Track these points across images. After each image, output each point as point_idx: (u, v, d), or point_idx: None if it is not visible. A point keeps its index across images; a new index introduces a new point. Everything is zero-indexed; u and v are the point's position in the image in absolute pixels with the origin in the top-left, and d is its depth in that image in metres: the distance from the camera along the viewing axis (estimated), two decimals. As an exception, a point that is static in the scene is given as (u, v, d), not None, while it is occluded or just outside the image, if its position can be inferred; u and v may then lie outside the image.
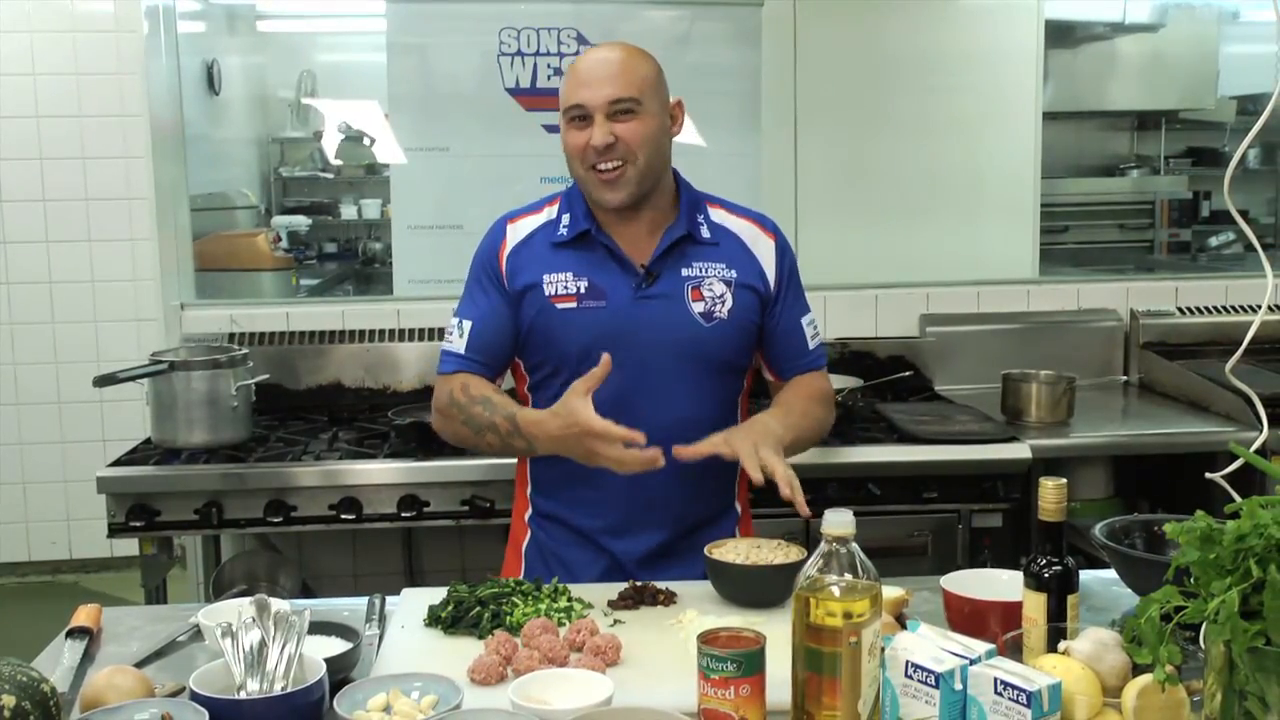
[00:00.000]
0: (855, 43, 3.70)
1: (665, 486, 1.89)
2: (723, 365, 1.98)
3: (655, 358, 1.92)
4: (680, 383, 1.93)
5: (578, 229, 1.95)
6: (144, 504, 2.77)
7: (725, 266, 1.97)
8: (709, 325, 1.94)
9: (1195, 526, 1.20)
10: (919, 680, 1.24)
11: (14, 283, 4.64)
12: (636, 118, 1.89)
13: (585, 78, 1.90)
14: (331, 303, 3.79)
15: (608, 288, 1.93)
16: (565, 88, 1.93)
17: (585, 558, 1.98)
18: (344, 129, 5.80)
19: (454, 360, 1.98)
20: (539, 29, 3.47)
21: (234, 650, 1.36)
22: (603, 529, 1.97)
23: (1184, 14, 5.11)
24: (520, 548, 2.06)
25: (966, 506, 2.89)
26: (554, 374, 1.96)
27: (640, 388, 1.90)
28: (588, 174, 1.91)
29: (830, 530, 1.25)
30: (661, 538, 1.96)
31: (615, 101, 1.87)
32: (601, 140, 1.86)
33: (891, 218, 3.73)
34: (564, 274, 1.94)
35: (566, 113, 1.92)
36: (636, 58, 1.93)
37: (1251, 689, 1.11)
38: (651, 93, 1.91)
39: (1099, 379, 3.62)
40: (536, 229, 1.99)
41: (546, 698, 1.35)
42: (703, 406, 1.94)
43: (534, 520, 2.05)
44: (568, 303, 1.93)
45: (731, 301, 1.96)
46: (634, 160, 1.89)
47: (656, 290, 1.94)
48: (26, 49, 4.53)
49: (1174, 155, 5.95)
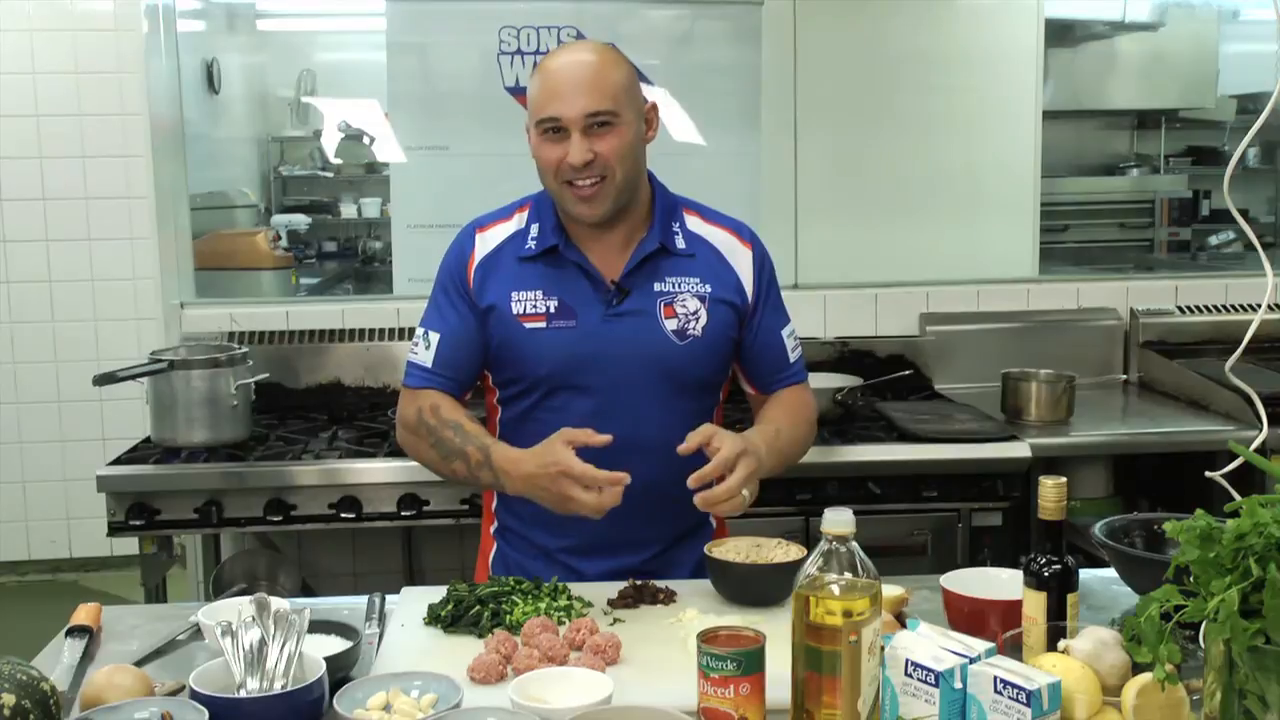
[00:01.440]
0: (855, 42, 3.69)
1: (637, 509, 1.77)
2: (696, 383, 1.93)
3: (626, 377, 1.86)
4: (652, 402, 1.87)
5: (546, 244, 1.89)
6: (144, 503, 2.77)
7: (699, 281, 1.91)
8: (682, 344, 1.88)
9: (1195, 525, 1.20)
10: (919, 679, 1.24)
11: (14, 281, 4.64)
12: (613, 130, 1.81)
13: (559, 88, 1.81)
14: (331, 302, 3.78)
15: (577, 306, 1.87)
16: (537, 96, 1.83)
17: (550, 574, 1.83)
18: (344, 128, 5.80)
19: (420, 375, 1.92)
20: (539, 28, 3.47)
21: (234, 649, 1.36)
22: (568, 549, 1.92)
23: (1184, 13, 5.11)
24: (488, 558, 2.03)
25: (966, 505, 2.89)
26: (525, 392, 1.91)
27: (611, 408, 1.84)
28: (562, 189, 1.84)
29: (830, 529, 1.25)
30: (631, 561, 1.89)
31: (592, 115, 1.79)
32: (580, 158, 1.79)
33: (891, 217, 3.73)
34: (532, 292, 1.88)
35: (539, 124, 1.83)
36: (610, 64, 1.84)
37: (1251, 688, 1.11)
38: (627, 100, 1.83)
39: (1099, 378, 3.62)
40: (504, 240, 1.92)
41: (546, 696, 1.35)
42: (675, 426, 1.81)
43: (499, 533, 2.02)
44: (536, 322, 1.87)
45: (706, 318, 1.89)
46: (612, 175, 1.82)
47: (627, 307, 1.88)
48: (26, 48, 4.53)
49: (1174, 154, 5.95)
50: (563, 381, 1.86)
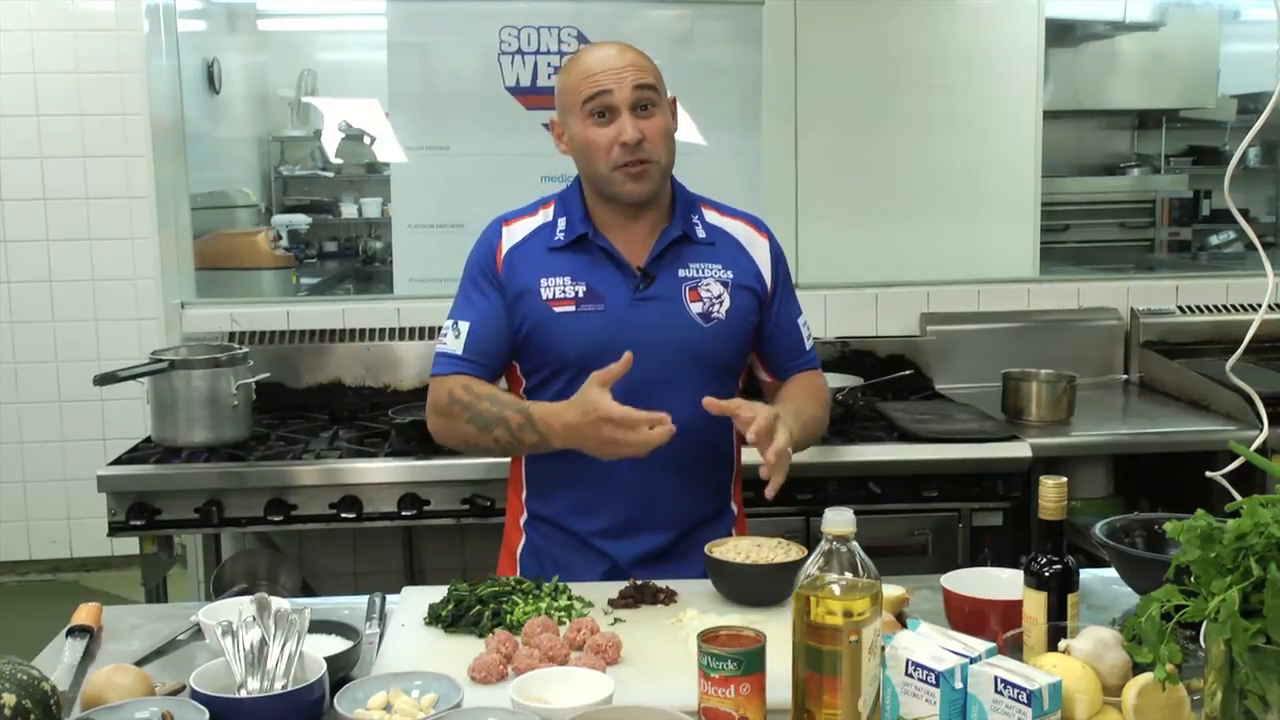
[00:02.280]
0: (855, 42, 3.69)
1: (663, 488, 1.88)
2: (721, 366, 1.97)
3: (654, 360, 1.89)
4: (679, 385, 1.91)
5: (575, 233, 1.94)
6: (144, 502, 2.77)
7: (721, 267, 1.96)
8: (707, 326, 1.93)
9: (1195, 525, 1.20)
10: (919, 679, 1.24)
11: (14, 281, 4.64)
12: (657, 112, 1.89)
13: (605, 66, 1.87)
14: (332, 301, 3.78)
15: (605, 291, 1.92)
16: (580, 81, 1.88)
17: (583, 561, 1.95)
18: (344, 128, 5.80)
19: (451, 361, 1.94)
20: (539, 27, 3.47)
21: (234, 649, 1.36)
22: (600, 532, 1.95)
23: (1184, 12, 5.11)
24: (515, 552, 2.05)
25: (967, 505, 2.89)
26: (552, 377, 1.94)
27: (639, 390, 1.86)
28: (613, 173, 1.88)
29: (830, 529, 1.25)
30: (660, 540, 1.95)
31: (639, 88, 1.85)
32: (633, 135, 1.84)
33: (892, 216, 3.73)
34: (561, 278, 1.92)
35: (586, 106, 1.87)
36: (642, 53, 1.93)
37: (1252, 688, 1.11)
38: (661, 87, 1.92)
39: (1099, 378, 3.62)
40: (532, 232, 1.97)
41: (547, 696, 1.35)
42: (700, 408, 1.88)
43: (529, 524, 2.03)
44: (566, 306, 1.91)
45: (729, 302, 1.95)
46: (658, 157, 1.89)
47: (654, 292, 1.93)
48: (27, 47, 4.54)
49: (1174, 154, 5.95)
50: (591, 364, 1.87)
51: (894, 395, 3.40)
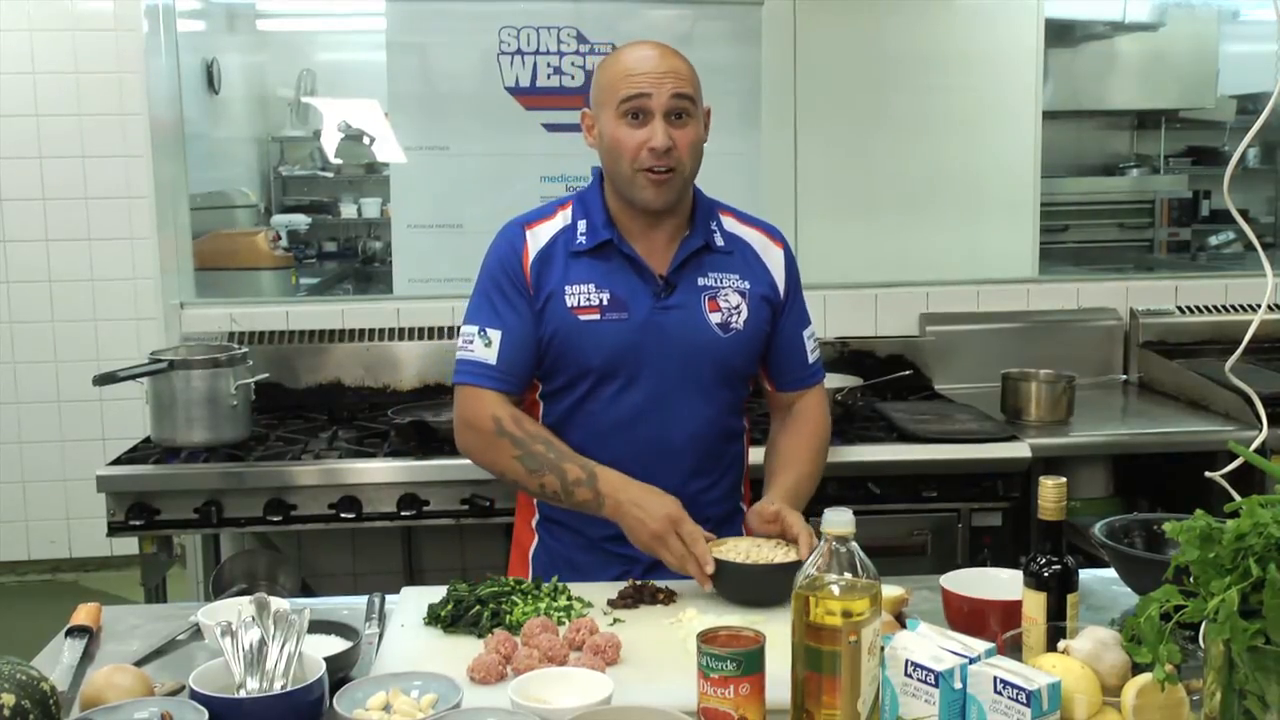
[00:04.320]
0: (855, 42, 3.70)
1: (679, 494, 1.86)
2: (735, 375, 1.98)
3: (674, 368, 1.90)
4: (697, 393, 1.92)
5: (598, 238, 1.91)
6: (143, 503, 2.77)
7: (739, 277, 1.96)
8: (726, 336, 1.93)
9: (1195, 525, 1.20)
10: (919, 679, 1.24)
11: (14, 281, 4.63)
12: (690, 122, 1.87)
13: (646, 67, 1.85)
14: (331, 302, 3.79)
15: (629, 299, 1.90)
16: (619, 78, 1.86)
17: (597, 563, 1.94)
18: (344, 128, 5.79)
19: (484, 373, 1.89)
20: (539, 28, 3.47)
21: (234, 649, 1.36)
22: (615, 535, 1.92)
23: (1184, 13, 5.11)
24: (527, 553, 2.04)
25: (966, 505, 2.89)
26: (570, 385, 1.93)
27: (658, 398, 1.89)
28: (636, 175, 1.86)
29: (830, 529, 1.25)
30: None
31: (677, 97, 1.84)
32: (663, 143, 1.83)
33: (891, 217, 3.73)
34: (585, 285, 1.90)
35: (623, 105, 1.85)
36: (686, 60, 1.90)
37: (1251, 688, 1.11)
38: (698, 97, 1.90)
39: (1099, 378, 3.62)
40: (554, 236, 1.94)
41: (546, 697, 1.35)
42: (715, 416, 1.95)
43: (541, 526, 2.03)
44: (591, 314, 1.89)
45: (747, 312, 1.94)
46: (682, 168, 1.87)
47: (674, 301, 1.92)
48: (26, 47, 4.53)
49: (1174, 154, 5.94)
50: (613, 372, 1.88)
51: (893, 395, 3.40)
